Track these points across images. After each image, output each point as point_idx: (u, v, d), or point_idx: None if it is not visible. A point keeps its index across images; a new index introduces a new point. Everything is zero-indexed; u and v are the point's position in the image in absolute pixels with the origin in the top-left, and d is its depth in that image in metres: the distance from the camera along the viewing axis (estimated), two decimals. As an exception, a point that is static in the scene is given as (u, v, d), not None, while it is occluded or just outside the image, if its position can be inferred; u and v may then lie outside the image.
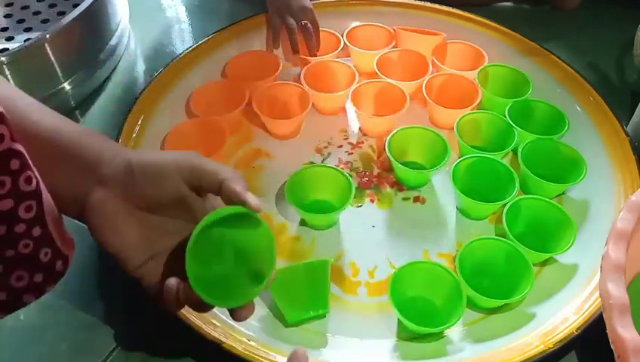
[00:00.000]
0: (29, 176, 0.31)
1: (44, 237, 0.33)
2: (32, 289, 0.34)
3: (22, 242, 0.32)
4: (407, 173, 0.58)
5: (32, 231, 0.32)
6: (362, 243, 0.55)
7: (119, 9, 0.74)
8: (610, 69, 0.74)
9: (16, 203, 0.31)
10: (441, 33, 0.72)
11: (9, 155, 0.30)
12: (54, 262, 0.34)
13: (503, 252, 0.50)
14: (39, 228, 0.33)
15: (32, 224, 0.32)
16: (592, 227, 0.55)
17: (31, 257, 0.33)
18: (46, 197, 0.33)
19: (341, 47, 0.71)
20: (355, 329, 0.49)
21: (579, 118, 0.64)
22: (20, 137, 0.35)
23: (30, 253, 0.32)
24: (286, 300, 0.48)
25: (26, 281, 0.33)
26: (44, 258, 0.33)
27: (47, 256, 0.34)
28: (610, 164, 0.59)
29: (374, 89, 0.66)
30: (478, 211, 0.56)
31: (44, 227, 0.33)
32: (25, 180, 0.31)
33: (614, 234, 0.42)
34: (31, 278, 0.33)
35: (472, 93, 0.65)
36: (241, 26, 0.74)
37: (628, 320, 0.37)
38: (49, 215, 0.33)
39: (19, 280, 0.33)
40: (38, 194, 0.32)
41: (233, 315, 0.38)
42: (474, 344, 0.47)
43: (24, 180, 0.31)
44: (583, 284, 0.50)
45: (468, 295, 0.47)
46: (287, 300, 0.48)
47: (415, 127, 0.61)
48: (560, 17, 0.83)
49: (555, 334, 0.46)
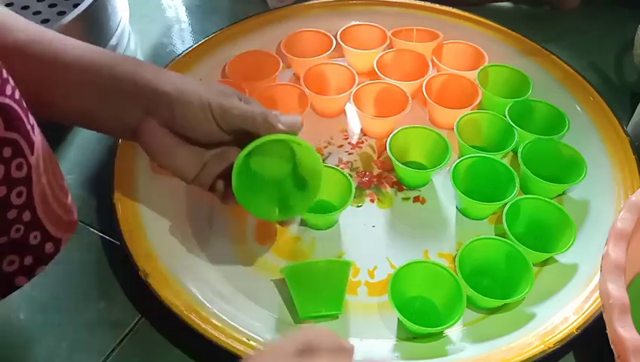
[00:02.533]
0: (21, 163, 0.32)
1: (33, 220, 0.34)
2: (23, 272, 0.35)
3: (14, 227, 0.32)
4: (408, 173, 0.58)
5: (22, 216, 0.33)
6: (362, 243, 0.55)
7: (119, 9, 0.74)
8: (610, 69, 0.74)
9: (9, 189, 0.31)
10: (439, 34, 0.71)
11: (2, 144, 0.31)
12: (44, 244, 0.35)
13: (503, 252, 0.50)
14: (29, 213, 0.33)
15: (22, 209, 0.33)
16: (592, 227, 0.55)
17: (21, 241, 0.33)
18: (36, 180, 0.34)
19: (333, 47, 0.70)
20: (355, 329, 0.49)
21: (579, 118, 0.64)
22: (67, 73, 0.41)
23: (21, 238, 0.33)
24: (302, 294, 0.48)
25: (17, 265, 0.34)
26: (33, 240, 0.34)
27: (36, 239, 0.34)
28: (610, 164, 0.59)
29: (375, 90, 0.66)
30: (478, 211, 0.56)
31: (34, 211, 0.34)
32: (16, 167, 0.32)
33: (614, 234, 0.42)
34: (21, 261, 0.34)
35: (472, 93, 0.65)
36: (241, 26, 0.74)
37: (628, 320, 0.37)
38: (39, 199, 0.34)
39: (10, 265, 0.33)
40: (29, 180, 0.33)
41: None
42: (474, 344, 0.47)
43: (15, 167, 0.32)
44: (583, 284, 0.50)
45: (468, 295, 0.47)
46: (302, 294, 0.48)
47: (416, 127, 0.61)
48: (560, 17, 0.83)
49: (555, 334, 0.46)
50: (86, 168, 0.62)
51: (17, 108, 0.32)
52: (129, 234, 0.51)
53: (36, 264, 0.35)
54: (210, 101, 0.42)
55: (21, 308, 0.50)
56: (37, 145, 0.34)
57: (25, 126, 0.33)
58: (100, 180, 0.59)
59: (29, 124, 0.33)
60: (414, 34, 0.73)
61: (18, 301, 0.50)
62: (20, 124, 0.32)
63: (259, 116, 0.43)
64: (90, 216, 0.57)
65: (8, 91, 0.31)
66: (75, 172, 0.62)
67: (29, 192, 0.33)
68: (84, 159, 0.63)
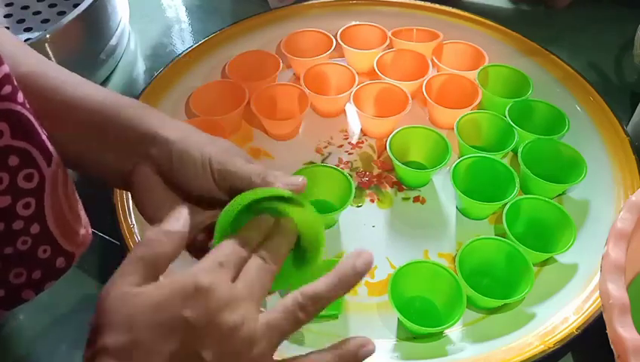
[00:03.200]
0: (31, 174, 0.31)
1: (43, 234, 0.33)
2: (31, 286, 0.34)
3: (20, 239, 0.32)
4: (408, 173, 0.58)
5: (30, 228, 0.32)
6: (362, 243, 0.55)
7: (119, 9, 0.74)
8: (610, 69, 0.74)
9: (14, 200, 0.31)
10: (439, 34, 0.71)
11: (8, 152, 0.30)
12: (54, 258, 0.34)
13: (503, 252, 0.50)
14: (38, 225, 0.33)
15: (30, 221, 0.32)
16: (592, 227, 0.55)
17: (29, 254, 0.33)
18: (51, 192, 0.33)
19: (333, 47, 0.70)
20: (354, 329, 0.49)
21: (579, 118, 0.64)
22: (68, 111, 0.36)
23: (28, 250, 0.32)
24: None
25: (24, 278, 0.33)
26: (42, 254, 0.34)
27: (45, 253, 0.34)
28: (610, 164, 0.59)
29: (375, 90, 0.66)
30: (478, 211, 0.56)
31: (44, 224, 0.33)
32: (24, 177, 0.31)
33: (614, 234, 0.42)
34: (29, 275, 0.33)
35: (472, 93, 0.65)
36: (241, 25, 0.74)
37: (628, 320, 0.37)
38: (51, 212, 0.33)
39: (17, 277, 0.33)
40: (40, 192, 0.32)
41: None
42: (474, 344, 0.47)
43: (23, 177, 0.31)
44: (583, 284, 0.50)
45: (468, 295, 0.47)
46: None
47: (416, 126, 0.61)
48: (560, 17, 0.83)
49: (555, 334, 0.46)
50: (86, 168, 0.62)
51: (29, 116, 0.31)
52: (129, 234, 0.51)
53: (45, 279, 0.34)
54: (211, 155, 0.39)
55: (21, 309, 0.50)
56: (55, 155, 0.33)
57: (39, 135, 0.32)
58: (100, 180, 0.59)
59: (44, 134, 0.32)
60: (414, 34, 0.73)
61: (18, 301, 0.50)
62: (31, 133, 0.31)
63: (255, 175, 0.38)
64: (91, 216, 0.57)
65: (20, 99, 0.30)
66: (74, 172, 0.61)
67: (39, 204, 0.32)
68: (84, 159, 0.63)
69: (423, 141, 0.60)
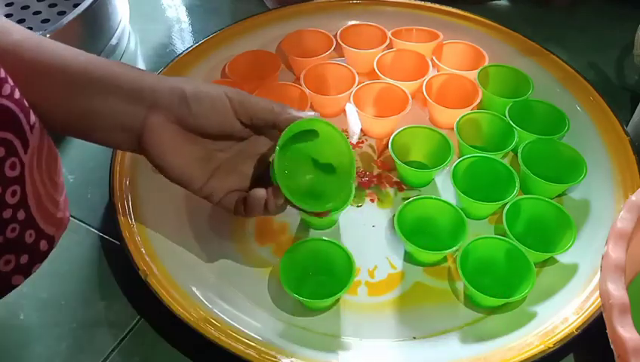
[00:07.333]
0: (14, 162, 0.32)
1: (28, 219, 0.34)
2: (20, 271, 0.34)
3: (10, 226, 0.32)
4: (410, 173, 0.58)
5: (17, 214, 0.33)
6: (362, 243, 0.55)
7: (119, 9, 0.74)
8: (610, 69, 0.74)
9: (4, 189, 0.31)
10: (439, 34, 0.71)
11: None
12: (38, 242, 0.35)
13: (504, 251, 0.50)
14: (23, 212, 0.33)
15: (17, 208, 0.33)
16: (592, 227, 0.55)
17: (17, 240, 0.33)
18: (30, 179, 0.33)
19: (333, 47, 0.70)
20: (355, 329, 0.49)
21: (579, 118, 0.64)
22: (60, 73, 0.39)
23: (16, 237, 0.33)
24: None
25: (13, 264, 0.34)
26: (28, 239, 0.34)
27: (31, 237, 0.34)
28: (610, 164, 0.59)
29: (375, 90, 0.66)
30: (478, 211, 0.56)
31: (28, 209, 0.34)
32: (10, 166, 0.32)
33: (614, 234, 0.42)
34: (17, 261, 0.34)
35: (472, 93, 0.65)
36: (241, 25, 0.74)
37: (628, 320, 0.37)
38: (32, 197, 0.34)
39: (7, 264, 0.33)
40: (22, 178, 0.33)
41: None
42: (474, 344, 0.47)
43: (9, 166, 0.32)
44: (583, 284, 0.50)
45: (469, 294, 0.47)
46: None
47: (418, 126, 0.61)
48: (560, 17, 0.83)
49: (555, 334, 0.46)
50: (86, 168, 0.62)
51: (14, 107, 0.31)
52: (129, 234, 0.51)
53: (32, 262, 0.35)
54: (227, 92, 0.42)
55: (21, 308, 0.50)
56: (33, 143, 0.34)
57: (22, 126, 0.32)
58: (100, 180, 0.59)
59: (27, 124, 0.33)
60: (414, 34, 0.73)
61: (18, 301, 0.50)
62: (15, 124, 0.32)
63: (276, 105, 0.43)
64: (90, 216, 0.57)
65: (6, 91, 0.31)
66: (75, 172, 0.62)
67: (23, 191, 0.33)
68: (84, 159, 0.63)
69: (424, 141, 0.60)
